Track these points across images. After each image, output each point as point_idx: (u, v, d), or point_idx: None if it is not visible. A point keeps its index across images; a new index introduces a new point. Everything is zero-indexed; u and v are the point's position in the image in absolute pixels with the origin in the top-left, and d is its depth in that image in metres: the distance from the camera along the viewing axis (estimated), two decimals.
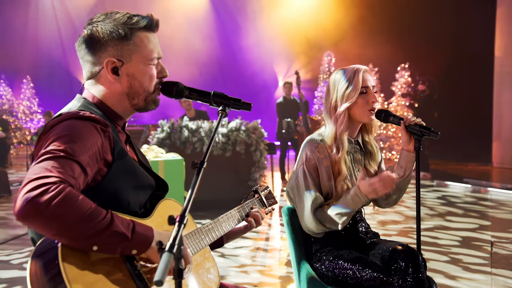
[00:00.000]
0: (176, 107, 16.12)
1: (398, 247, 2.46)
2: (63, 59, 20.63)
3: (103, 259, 1.59)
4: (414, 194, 8.33)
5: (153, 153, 6.95)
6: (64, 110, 1.81)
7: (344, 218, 2.55)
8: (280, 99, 11.71)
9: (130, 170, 1.82)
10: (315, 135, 2.78)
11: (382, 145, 14.64)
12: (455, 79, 15.86)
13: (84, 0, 20.80)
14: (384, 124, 14.60)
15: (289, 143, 11.11)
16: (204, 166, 1.60)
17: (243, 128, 8.11)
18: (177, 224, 1.41)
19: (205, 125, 8.08)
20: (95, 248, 1.53)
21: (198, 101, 1.92)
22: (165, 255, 1.32)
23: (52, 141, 1.63)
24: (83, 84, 1.92)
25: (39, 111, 18.98)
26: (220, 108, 1.88)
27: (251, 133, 8.14)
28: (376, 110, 2.72)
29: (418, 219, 2.51)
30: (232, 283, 2.28)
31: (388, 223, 7.25)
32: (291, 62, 19.68)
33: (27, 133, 17.98)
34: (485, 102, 14.93)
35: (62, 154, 1.59)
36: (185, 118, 8.47)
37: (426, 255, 5.66)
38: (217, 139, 7.92)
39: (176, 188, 6.87)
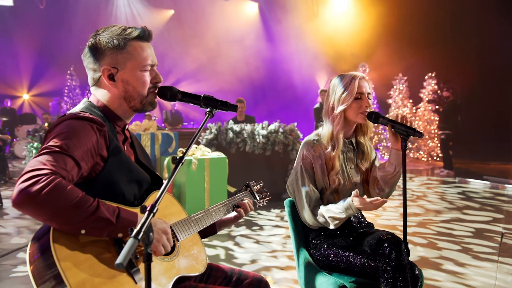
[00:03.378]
0: (227, 112, 16.27)
1: (384, 235, 2.37)
2: None
3: (94, 241, 1.57)
4: (437, 190, 8.13)
5: (200, 152, 6.98)
6: (70, 111, 1.81)
7: (336, 222, 2.50)
8: (316, 105, 11.61)
9: (124, 165, 1.80)
10: (311, 136, 2.73)
11: (410, 145, 14.30)
12: (479, 86, 15.35)
13: (153, 23, 21.21)
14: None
15: None
16: (183, 161, 1.57)
17: (281, 130, 8.05)
18: (146, 213, 1.38)
19: (248, 127, 8.06)
20: (83, 231, 1.52)
21: (190, 104, 1.88)
22: (129, 241, 1.29)
23: (52, 138, 1.64)
24: (89, 90, 1.92)
25: None
26: (208, 109, 1.85)
27: (288, 135, 8.08)
28: (368, 112, 2.63)
29: (405, 211, 2.39)
30: (256, 271, 2.24)
31: (409, 215, 7.03)
32: (330, 72, 19.46)
33: None
34: (506, 106, 14.42)
35: (57, 149, 1.59)
36: (230, 121, 8.48)
37: (440, 244, 5.50)
38: (258, 140, 7.89)
39: (220, 183, 6.88)
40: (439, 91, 12.98)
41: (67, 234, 1.53)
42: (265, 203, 2.44)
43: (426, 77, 14.41)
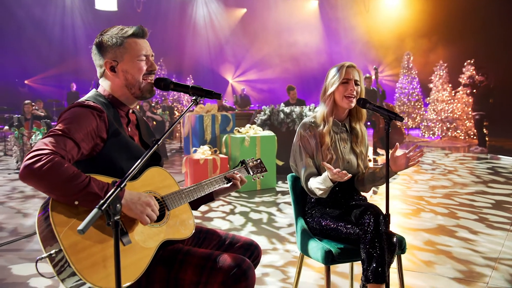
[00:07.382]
0: (281, 96, 16.12)
1: (367, 207, 2.27)
2: (209, 63, 21.40)
3: (87, 210, 1.57)
4: (468, 165, 7.62)
5: (253, 130, 6.99)
6: (77, 101, 1.84)
7: (321, 192, 2.41)
8: None
9: (123, 145, 1.80)
10: (308, 119, 2.65)
11: (448, 125, 13.59)
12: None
13: (227, 21, 21.32)
14: (451, 109, 13.55)
15: (368, 123, 10.62)
16: (159, 143, 1.55)
17: None
18: (114, 187, 1.37)
19: (297, 109, 7.92)
20: (76, 203, 1.55)
21: (181, 93, 1.85)
22: (93, 211, 1.28)
23: (58, 123, 1.69)
24: (98, 82, 1.94)
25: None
26: (193, 98, 1.82)
27: None
28: (357, 98, 2.52)
29: (387, 186, 2.25)
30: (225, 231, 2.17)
31: (437, 188, 6.70)
32: (380, 60, 18.74)
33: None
34: None
35: (59, 132, 1.63)
36: (282, 104, 8.39)
37: (459, 214, 5.21)
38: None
39: (269, 157, 6.86)
40: (477, 76, 12.15)
41: (64, 204, 1.57)
42: (261, 177, 2.38)
43: (465, 63, 13.59)
